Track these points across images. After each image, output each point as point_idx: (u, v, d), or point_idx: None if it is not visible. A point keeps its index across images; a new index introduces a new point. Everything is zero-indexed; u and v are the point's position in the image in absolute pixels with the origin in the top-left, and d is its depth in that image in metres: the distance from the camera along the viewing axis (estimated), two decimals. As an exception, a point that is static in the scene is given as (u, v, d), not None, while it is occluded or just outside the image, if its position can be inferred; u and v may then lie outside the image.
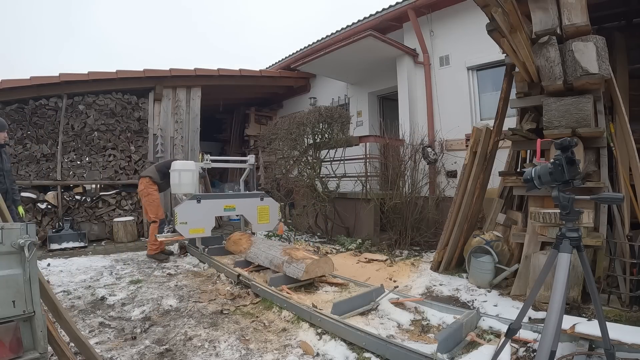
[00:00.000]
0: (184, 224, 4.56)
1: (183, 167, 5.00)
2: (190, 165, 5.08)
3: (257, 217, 5.18)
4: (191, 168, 5.01)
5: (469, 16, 5.81)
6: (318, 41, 8.40)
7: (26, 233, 1.53)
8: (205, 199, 4.83)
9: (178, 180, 4.91)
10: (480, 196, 4.22)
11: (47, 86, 6.23)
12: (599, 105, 3.26)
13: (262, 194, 5.33)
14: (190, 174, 4.96)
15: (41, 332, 1.55)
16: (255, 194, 5.32)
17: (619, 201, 1.63)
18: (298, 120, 6.19)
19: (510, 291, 3.35)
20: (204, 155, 5.29)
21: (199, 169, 5.14)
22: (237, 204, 5.06)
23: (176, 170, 4.93)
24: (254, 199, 5.21)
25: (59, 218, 6.13)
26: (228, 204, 5.00)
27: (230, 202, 5.03)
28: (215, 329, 2.77)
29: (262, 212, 5.22)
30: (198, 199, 4.73)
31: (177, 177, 4.91)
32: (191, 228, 4.62)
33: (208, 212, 4.81)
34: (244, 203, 5.11)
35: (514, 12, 2.64)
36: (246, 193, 5.34)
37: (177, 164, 5.02)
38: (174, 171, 4.93)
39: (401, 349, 2.19)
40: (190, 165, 5.06)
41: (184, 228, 4.57)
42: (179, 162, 5.09)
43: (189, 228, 4.59)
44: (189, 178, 4.95)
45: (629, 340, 1.93)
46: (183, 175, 4.93)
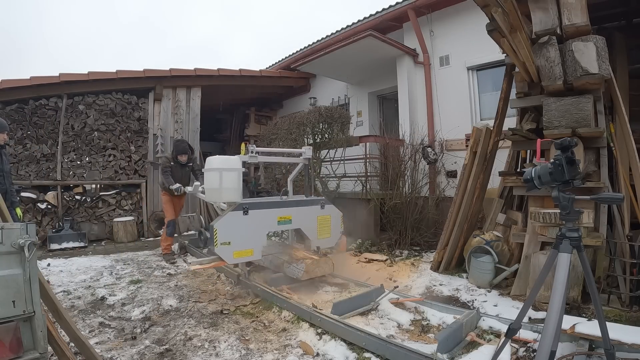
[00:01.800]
0: (227, 244, 3.28)
1: (225, 164, 3.55)
2: (234, 162, 3.59)
3: (317, 231, 3.95)
4: (236, 166, 3.57)
5: (469, 16, 5.80)
6: (318, 41, 8.40)
7: (26, 233, 1.53)
8: (254, 208, 3.51)
9: (219, 183, 3.49)
10: (480, 196, 4.22)
11: (47, 86, 6.24)
12: (599, 105, 3.26)
13: (323, 200, 4.13)
14: (235, 175, 3.55)
15: (41, 332, 1.55)
16: (315, 200, 4.08)
17: (619, 201, 1.63)
18: (298, 120, 6.19)
19: (510, 291, 3.35)
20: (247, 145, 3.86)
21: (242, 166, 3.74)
22: (294, 214, 3.78)
23: (215, 170, 3.51)
24: (313, 207, 3.97)
25: (59, 218, 6.13)
26: (282, 214, 3.69)
27: (285, 212, 3.71)
28: (215, 329, 2.78)
29: (323, 223, 4.02)
30: (245, 209, 3.42)
31: (218, 180, 3.49)
32: (236, 250, 3.34)
33: (258, 227, 3.52)
34: (302, 213, 3.85)
35: (514, 12, 2.64)
36: (304, 199, 4.05)
37: (216, 161, 3.59)
38: (212, 171, 3.54)
39: (401, 349, 2.19)
40: (234, 163, 3.59)
41: (226, 251, 3.27)
42: (218, 159, 3.63)
43: (232, 250, 3.31)
44: (234, 181, 3.52)
45: (629, 340, 1.93)
46: (226, 177, 3.50)
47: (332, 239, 4.09)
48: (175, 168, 5.24)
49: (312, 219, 3.93)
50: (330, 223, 4.08)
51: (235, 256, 3.35)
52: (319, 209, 4.01)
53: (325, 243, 4.09)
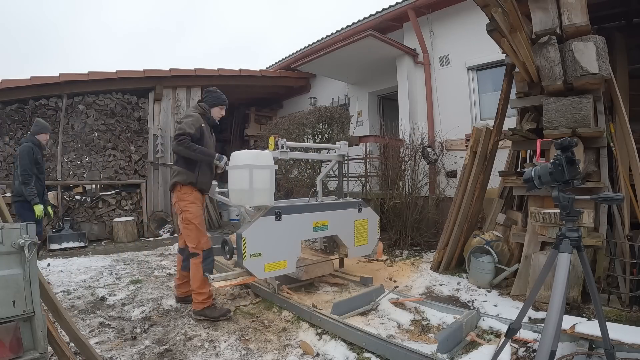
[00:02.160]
0: (257, 256, 2.81)
1: (256, 161, 2.93)
2: (266, 158, 3.00)
3: (354, 237, 3.57)
4: (269, 163, 3.00)
5: (469, 16, 5.80)
6: (318, 41, 8.40)
7: (26, 233, 1.53)
8: (288, 212, 3.04)
9: (249, 183, 2.85)
10: (480, 196, 4.22)
11: (47, 86, 6.24)
12: (599, 105, 3.26)
13: (360, 202, 3.69)
14: (267, 173, 2.95)
15: (41, 332, 1.55)
16: (352, 202, 3.64)
17: (619, 201, 1.63)
18: (298, 120, 6.19)
19: (510, 291, 3.35)
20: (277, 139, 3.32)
21: None
22: (331, 218, 3.37)
23: (245, 167, 2.88)
24: (350, 211, 3.55)
25: (59, 218, 6.13)
26: (319, 219, 3.28)
27: (321, 216, 3.30)
28: (215, 329, 2.77)
29: (360, 228, 3.62)
30: (278, 215, 2.96)
31: (248, 179, 2.85)
32: (267, 263, 2.88)
33: (292, 235, 3.06)
34: (338, 217, 3.43)
35: (514, 12, 2.64)
36: (340, 202, 3.61)
37: (245, 156, 2.97)
38: (240, 168, 2.91)
39: (401, 349, 2.19)
40: (266, 159, 3.00)
41: (256, 263, 2.81)
42: (247, 154, 3.00)
43: (264, 263, 2.85)
44: (267, 180, 2.94)
45: (629, 340, 1.93)
46: (257, 175, 2.89)
47: (369, 245, 3.73)
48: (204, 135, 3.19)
49: (349, 224, 3.55)
50: (367, 228, 3.71)
51: (266, 270, 2.89)
52: (357, 212, 3.60)
53: (362, 251, 3.72)
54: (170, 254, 5.42)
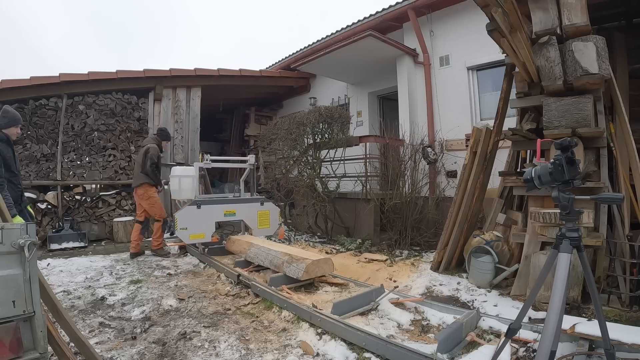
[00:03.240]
0: (184, 229, 4.52)
1: (183, 172, 5.09)
2: (190, 171, 5.12)
3: (258, 222, 5.17)
4: (191, 174, 5.05)
5: (468, 16, 5.81)
6: (318, 41, 8.40)
7: (26, 233, 1.53)
8: (205, 204, 4.75)
9: (178, 186, 5.01)
10: (480, 196, 4.22)
11: (47, 86, 6.23)
12: (599, 105, 3.26)
13: (262, 198, 5.33)
14: (190, 180, 5.02)
15: (41, 332, 1.55)
16: (256, 198, 5.30)
17: (619, 201, 1.63)
18: (298, 120, 6.19)
19: (510, 291, 3.35)
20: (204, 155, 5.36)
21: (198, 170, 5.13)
22: (238, 209, 5.02)
23: (176, 177, 5.04)
24: (254, 204, 5.18)
25: (59, 218, 6.13)
26: (228, 209, 4.95)
27: (230, 207, 4.98)
28: (215, 329, 2.77)
29: (262, 216, 5.20)
30: (198, 205, 4.67)
31: (177, 183, 5.01)
32: (192, 234, 4.59)
33: (208, 218, 4.75)
34: (244, 208, 5.08)
35: (514, 12, 2.64)
36: (246, 198, 5.29)
37: (177, 170, 5.13)
38: (174, 177, 5.05)
39: (401, 349, 2.19)
40: (190, 171, 5.11)
41: (184, 234, 4.53)
42: (179, 168, 5.20)
43: (189, 234, 4.56)
44: (189, 184, 5.01)
45: (629, 340, 1.93)
46: (183, 181, 5.02)
47: (270, 229, 5.32)
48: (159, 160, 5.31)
49: (253, 213, 5.16)
50: (269, 216, 5.26)
51: (191, 238, 4.64)
52: (259, 205, 5.22)
53: (265, 232, 5.28)
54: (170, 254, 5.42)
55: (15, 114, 3.51)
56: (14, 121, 3.47)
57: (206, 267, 4.62)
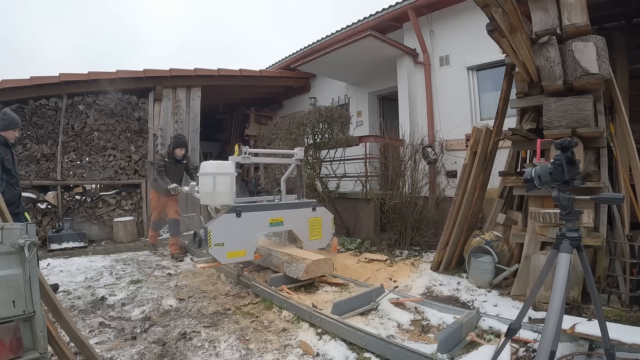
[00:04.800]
0: (220, 245, 3.39)
1: (219, 169, 3.68)
2: (227, 167, 3.74)
3: (309, 233, 4.09)
4: (229, 171, 3.72)
5: (468, 16, 5.80)
6: (318, 41, 8.40)
7: (26, 233, 1.53)
8: (247, 211, 3.61)
9: (212, 187, 3.61)
10: (480, 196, 4.21)
11: (47, 86, 6.23)
12: (599, 105, 3.26)
13: (314, 202, 4.26)
14: (228, 179, 3.68)
15: (41, 332, 1.55)
16: (306, 202, 4.22)
17: (619, 201, 1.63)
18: (298, 120, 6.19)
19: (510, 291, 3.35)
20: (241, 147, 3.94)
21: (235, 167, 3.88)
22: (286, 216, 3.89)
23: (209, 174, 3.65)
24: (305, 210, 4.09)
25: (59, 218, 6.13)
26: (274, 216, 3.81)
27: (277, 214, 3.84)
28: (215, 329, 2.77)
29: (314, 225, 4.14)
30: (238, 212, 3.53)
31: (211, 184, 3.62)
32: (229, 251, 3.46)
33: (250, 229, 3.63)
34: (293, 215, 3.96)
35: (514, 12, 2.64)
36: (296, 202, 4.22)
37: (210, 166, 3.76)
38: (207, 175, 3.67)
39: (401, 349, 2.19)
40: (227, 167, 3.73)
41: (219, 251, 3.38)
42: (211, 163, 3.81)
43: (226, 251, 3.42)
44: (227, 184, 3.66)
45: (629, 340, 1.93)
46: (219, 181, 3.62)
47: (323, 240, 4.23)
48: (169, 165, 5.22)
49: (304, 221, 4.06)
50: (321, 225, 4.20)
51: (228, 257, 3.46)
52: (311, 211, 4.13)
53: (317, 244, 4.19)
54: (170, 254, 5.42)
55: (14, 118, 3.52)
56: (12, 124, 3.47)
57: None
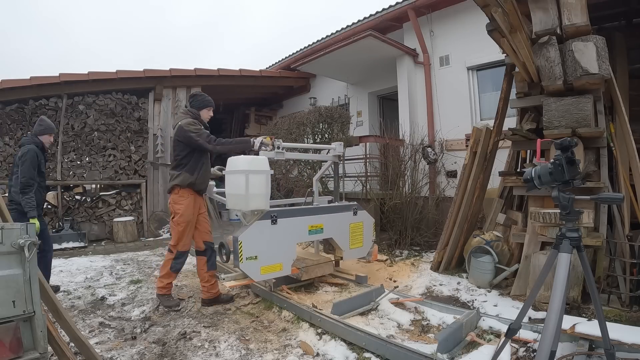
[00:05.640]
0: (253, 259, 2.84)
1: (252, 166, 2.91)
2: (262, 163, 2.99)
3: (350, 240, 3.60)
4: (265, 168, 2.98)
5: (469, 16, 5.80)
6: (318, 41, 8.40)
7: (26, 233, 1.53)
8: (284, 216, 3.07)
9: (245, 189, 2.83)
10: (480, 196, 4.21)
11: (47, 86, 6.24)
12: (599, 105, 3.26)
13: (355, 205, 3.69)
14: (264, 178, 2.94)
15: (41, 332, 1.55)
16: (346, 205, 3.65)
17: (619, 201, 1.63)
18: (298, 120, 6.19)
19: (510, 291, 3.35)
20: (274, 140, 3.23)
21: None
22: (326, 222, 3.37)
23: (241, 172, 2.87)
24: (345, 214, 3.58)
25: (59, 218, 6.13)
26: (314, 222, 3.28)
27: (316, 219, 3.30)
28: (215, 329, 2.78)
29: (355, 231, 3.64)
30: (274, 219, 2.99)
31: (244, 184, 2.83)
32: (264, 265, 2.91)
33: (287, 238, 3.10)
34: (333, 220, 3.44)
35: (514, 12, 2.64)
36: (336, 205, 3.63)
37: (241, 162, 2.93)
38: (237, 173, 2.90)
39: (401, 349, 2.19)
40: (262, 164, 2.98)
41: (252, 266, 2.84)
42: (244, 159, 2.94)
43: (260, 265, 2.88)
44: (262, 185, 2.93)
45: (629, 340, 1.93)
46: (253, 180, 2.86)
47: (364, 248, 3.76)
48: None
49: (344, 227, 3.57)
50: (362, 231, 3.73)
51: (262, 272, 2.93)
52: (352, 215, 3.63)
53: (358, 253, 3.76)
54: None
55: (50, 123, 3.76)
56: (48, 129, 3.71)
57: None
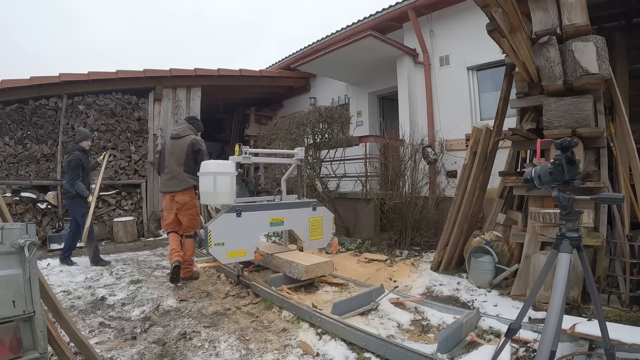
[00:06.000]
0: (220, 245, 3.39)
1: (219, 169, 3.61)
2: (227, 166, 3.69)
3: (309, 232, 4.07)
4: (230, 170, 3.66)
5: (469, 16, 5.80)
6: (318, 41, 8.40)
7: (26, 233, 1.53)
8: (247, 210, 3.60)
9: (213, 187, 3.55)
10: (480, 196, 4.21)
11: (47, 86, 6.24)
12: (599, 105, 3.26)
13: (315, 202, 4.20)
14: (229, 178, 3.62)
15: (41, 332, 1.55)
16: (306, 202, 4.18)
17: (619, 201, 1.63)
18: (298, 120, 6.19)
19: (510, 291, 3.35)
20: (241, 147, 3.91)
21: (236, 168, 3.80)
22: (286, 216, 3.87)
23: (210, 174, 3.57)
24: (305, 209, 4.06)
25: (59, 218, 6.13)
26: (275, 216, 3.80)
27: (277, 213, 3.82)
28: (215, 329, 2.78)
29: (314, 225, 4.12)
30: (238, 212, 3.52)
31: (212, 184, 3.56)
32: (230, 250, 3.46)
33: (251, 228, 3.63)
34: (293, 214, 3.94)
35: (514, 12, 2.64)
36: (296, 202, 4.17)
37: (211, 165, 3.65)
38: (207, 174, 3.60)
39: (401, 349, 2.19)
40: (227, 167, 3.68)
41: (220, 251, 3.38)
42: (213, 163, 3.68)
43: (226, 250, 3.42)
44: (228, 184, 3.61)
45: (629, 340, 1.93)
46: (220, 180, 3.56)
47: (323, 240, 4.20)
48: None
49: (304, 221, 4.05)
50: (322, 225, 4.18)
51: (229, 256, 3.47)
52: (311, 210, 4.11)
53: (317, 244, 4.19)
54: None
55: (86, 132, 5.07)
56: (86, 137, 4.95)
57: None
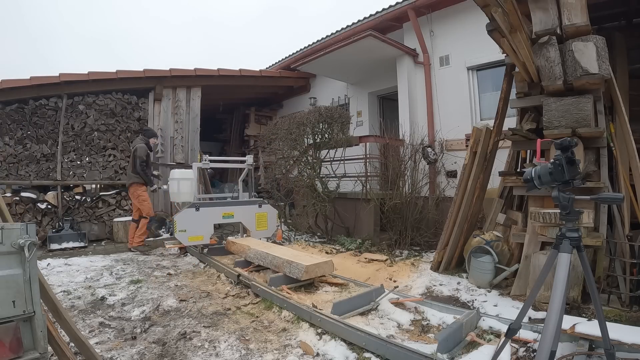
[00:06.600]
0: (183, 231, 4.64)
1: (182, 176, 5.27)
2: (188, 174, 5.29)
3: (256, 224, 5.28)
4: (189, 177, 5.24)
5: (469, 16, 5.80)
6: (318, 41, 8.40)
7: (26, 233, 1.53)
8: (204, 206, 4.89)
9: (177, 189, 5.21)
10: (480, 196, 4.21)
11: (47, 86, 6.23)
12: (599, 105, 3.26)
13: (261, 200, 5.43)
14: (189, 182, 5.20)
15: (41, 332, 1.55)
16: (254, 200, 5.42)
17: (619, 201, 1.63)
18: (298, 120, 6.19)
19: (510, 291, 3.35)
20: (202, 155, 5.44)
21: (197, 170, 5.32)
22: (236, 211, 5.12)
23: (175, 180, 5.23)
24: (252, 206, 5.28)
25: (59, 218, 6.13)
26: (226, 211, 5.06)
27: (228, 209, 5.08)
28: (215, 329, 2.77)
29: (260, 219, 5.32)
30: (197, 207, 4.79)
31: (176, 186, 5.21)
32: (190, 235, 4.69)
33: (207, 220, 4.86)
34: (242, 210, 5.17)
35: (514, 12, 2.64)
36: (244, 200, 5.43)
37: (176, 173, 5.33)
38: (173, 180, 5.25)
39: (401, 349, 2.19)
40: (188, 174, 5.28)
41: (183, 236, 4.64)
42: (177, 171, 5.39)
43: (188, 235, 4.67)
44: (188, 187, 5.21)
45: (629, 340, 1.93)
46: (182, 184, 5.20)
47: (268, 231, 5.43)
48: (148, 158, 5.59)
49: (251, 215, 5.25)
50: (267, 219, 5.38)
51: (189, 240, 4.74)
52: (257, 207, 5.32)
53: (263, 234, 5.37)
54: (170, 254, 5.43)
55: (153, 131, 6.08)
56: (153, 135, 5.83)
57: (206, 267, 4.62)
